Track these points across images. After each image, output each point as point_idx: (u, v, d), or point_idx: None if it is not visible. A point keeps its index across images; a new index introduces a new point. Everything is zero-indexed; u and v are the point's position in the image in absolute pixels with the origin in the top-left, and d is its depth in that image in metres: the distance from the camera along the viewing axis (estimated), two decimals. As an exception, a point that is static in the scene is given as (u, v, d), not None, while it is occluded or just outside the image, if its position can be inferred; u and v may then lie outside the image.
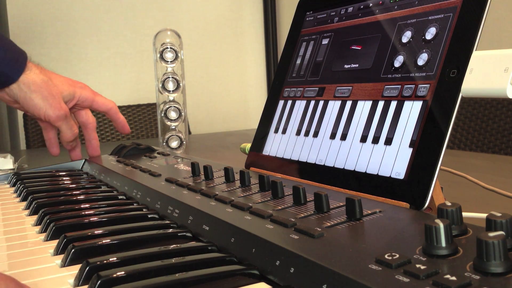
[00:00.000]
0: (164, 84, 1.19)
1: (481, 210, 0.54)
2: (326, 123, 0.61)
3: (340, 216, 0.42)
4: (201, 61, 2.61)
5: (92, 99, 0.94)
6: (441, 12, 0.51)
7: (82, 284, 0.38)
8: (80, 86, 0.93)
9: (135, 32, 2.45)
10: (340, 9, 0.65)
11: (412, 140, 0.49)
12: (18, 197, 0.74)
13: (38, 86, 0.85)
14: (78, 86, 0.93)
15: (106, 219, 0.54)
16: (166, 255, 0.41)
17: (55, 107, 0.86)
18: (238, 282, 0.37)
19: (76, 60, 2.35)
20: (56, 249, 0.46)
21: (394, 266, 0.30)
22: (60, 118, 0.87)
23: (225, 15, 2.70)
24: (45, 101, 0.85)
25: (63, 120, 0.88)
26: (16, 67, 0.84)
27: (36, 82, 0.85)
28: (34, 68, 0.87)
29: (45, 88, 0.86)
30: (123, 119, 0.98)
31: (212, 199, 0.52)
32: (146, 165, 0.78)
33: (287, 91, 0.70)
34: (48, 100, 0.86)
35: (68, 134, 0.90)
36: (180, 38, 1.21)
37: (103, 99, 0.95)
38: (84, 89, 0.93)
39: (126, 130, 0.99)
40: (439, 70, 0.49)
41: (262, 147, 0.70)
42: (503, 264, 0.28)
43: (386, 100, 0.54)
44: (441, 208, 0.35)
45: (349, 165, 0.55)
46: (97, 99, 0.94)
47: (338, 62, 0.62)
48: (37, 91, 0.85)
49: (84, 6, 2.35)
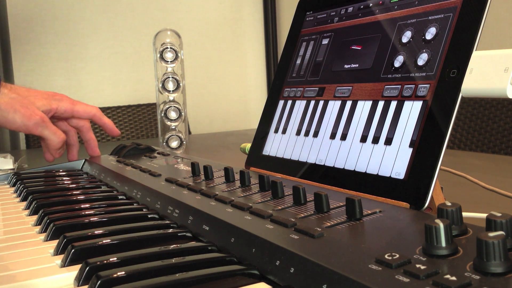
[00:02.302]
0: (164, 84, 1.19)
1: (481, 210, 0.54)
2: (326, 123, 0.61)
3: (340, 216, 0.42)
4: (201, 61, 2.61)
5: (72, 109, 0.92)
6: (441, 12, 0.51)
7: (82, 284, 0.38)
8: (57, 98, 0.92)
9: (135, 32, 2.45)
10: (340, 9, 0.65)
11: (412, 140, 0.49)
12: (18, 197, 0.74)
13: (8, 104, 0.85)
14: (54, 98, 0.92)
15: (106, 219, 0.54)
16: (166, 255, 0.41)
17: (29, 115, 0.86)
18: (238, 282, 0.37)
19: (76, 60, 2.35)
20: (56, 249, 0.46)
21: (394, 266, 0.30)
22: (37, 125, 0.86)
23: (225, 15, 2.70)
24: (17, 113, 0.85)
25: (42, 127, 0.87)
26: None
27: (6, 101, 0.85)
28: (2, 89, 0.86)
29: (15, 103, 0.86)
30: (109, 123, 0.97)
31: (212, 199, 0.52)
32: (146, 165, 0.78)
33: (287, 91, 0.70)
34: (20, 111, 0.85)
35: (54, 141, 0.89)
36: (180, 38, 1.21)
37: (84, 107, 0.94)
38: (61, 101, 0.92)
39: (115, 133, 0.98)
40: (439, 70, 0.49)
41: (262, 147, 0.70)
42: (503, 264, 0.28)
43: (386, 100, 0.54)
44: (441, 208, 0.35)
45: (349, 165, 0.55)
46: (77, 108, 0.93)
47: (338, 62, 0.62)
48: (8, 108, 0.85)
49: (84, 6, 2.35)
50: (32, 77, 2.25)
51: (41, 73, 2.27)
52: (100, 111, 0.97)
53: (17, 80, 2.18)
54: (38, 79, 2.26)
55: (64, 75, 2.32)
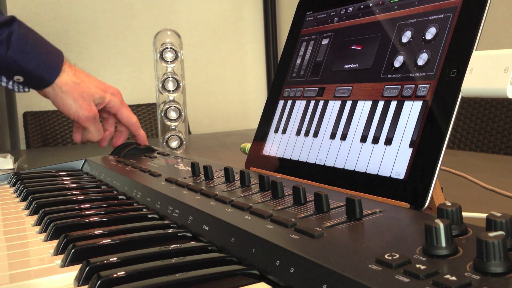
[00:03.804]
0: (164, 84, 1.19)
1: (481, 210, 0.54)
2: (326, 123, 0.61)
3: (340, 216, 0.42)
4: (201, 61, 2.61)
5: (118, 108, 0.97)
6: (441, 12, 0.51)
7: (82, 284, 0.38)
8: (111, 92, 0.96)
9: (135, 32, 2.45)
10: (340, 9, 0.65)
11: (412, 140, 0.49)
12: (18, 197, 0.74)
13: (70, 87, 0.89)
14: (109, 92, 0.96)
15: (106, 219, 0.54)
16: (166, 255, 0.41)
17: (85, 108, 0.90)
18: (238, 282, 0.37)
19: (76, 60, 2.33)
20: (56, 249, 0.46)
21: (394, 266, 0.30)
22: (89, 120, 0.91)
23: (225, 15, 2.70)
24: (75, 102, 0.89)
25: (92, 122, 0.92)
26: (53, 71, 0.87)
27: (68, 84, 0.89)
28: (67, 69, 0.90)
29: (76, 90, 0.89)
30: (143, 135, 1.00)
31: (212, 199, 0.52)
32: (146, 165, 0.78)
33: (287, 91, 0.70)
34: (78, 101, 0.89)
35: (94, 136, 0.95)
36: (180, 38, 1.21)
37: (128, 112, 0.98)
38: (115, 96, 0.96)
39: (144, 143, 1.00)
40: (439, 70, 0.49)
41: (262, 147, 0.70)
42: (503, 264, 0.28)
43: (386, 100, 0.54)
44: (441, 208, 0.35)
45: (349, 165, 0.55)
46: (123, 110, 0.97)
47: (338, 62, 0.62)
48: (69, 92, 0.89)
49: (84, 6, 2.35)
50: (32, 77, 2.24)
51: (41, 73, 2.27)
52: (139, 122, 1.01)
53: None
54: (38, 79, 2.26)
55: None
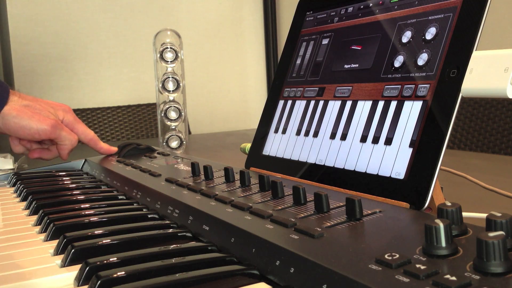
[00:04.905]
0: (164, 84, 1.19)
1: (481, 210, 0.54)
2: (326, 123, 0.61)
3: (340, 216, 0.42)
4: (201, 61, 2.61)
5: (73, 125, 0.91)
6: (441, 12, 0.51)
7: (82, 284, 0.38)
8: (63, 108, 0.91)
9: (135, 32, 2.45)
10: (340, 9, 0.65)
11: (412, 140, 0.49)
12: (18, 197, 0.74)
13: (20, 111, 0.84)
14: (61, 109, 0.91)
15: (106, 219, 0.54)
16: (166, 255, 0.41)
17: (44, 120, 0.84)
18: (238, 282, 0.37)
19: (76, 60, 2.35)
20: (56, 249, 0.46)
21: (394, 266, 0.30)
22: (55, 127, 0.85)
23: (225, 15, 2.70)
24: (32, 120, 0.84)
25: (59, 129, 0.86)
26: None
27: (17, 108, 0.84)
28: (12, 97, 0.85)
29: (28, 110, 0.84)
30: (105, 147, 0.95)
31: (212, 199, 0.52)
32: (146, 165, 0.78)
33: (287, 91, 0.70)
34: (35, 117, 0.84)
35: (71, 141, 0.88)
36: (180, 38, 1.21)
37: (84, 128, 0.93)
38: (67, 113, 0.91)
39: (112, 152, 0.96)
40: (439, 70, 0.49)
41: (262, 147, 0.70)
42: (503, 264, 0.28)
43: (386, 100, 0.54)
44: (441, 208, 0.35)
45: (349, 165, 0.55)
46: (78, 127, 0.92)
47: (338, 62, 0.62)
48: (20, 115, 0.83)
49: (84, 6, 2.35)
50: (32, 77, 2.25)
51: (41, 73, 2.27)
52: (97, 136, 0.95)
53: (17, 80, 2.18)
54: (38, 79, 2.26)
55: (64, 75, 2.32)
